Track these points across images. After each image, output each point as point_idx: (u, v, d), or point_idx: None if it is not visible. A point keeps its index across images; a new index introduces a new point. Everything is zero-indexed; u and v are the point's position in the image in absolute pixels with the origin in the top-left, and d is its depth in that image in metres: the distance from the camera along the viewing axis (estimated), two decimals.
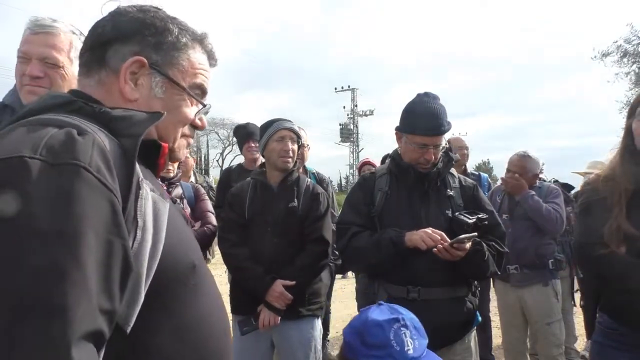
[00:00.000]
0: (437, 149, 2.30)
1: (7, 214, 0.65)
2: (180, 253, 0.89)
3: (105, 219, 0.72)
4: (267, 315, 2.56)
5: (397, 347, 1.29)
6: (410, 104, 2.36)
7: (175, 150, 1.04)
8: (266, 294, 2.55)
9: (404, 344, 1.30)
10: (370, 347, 1.31)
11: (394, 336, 1.30)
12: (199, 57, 1.03)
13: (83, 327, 0.65)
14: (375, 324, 1.33)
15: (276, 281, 2.56)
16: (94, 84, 0.96)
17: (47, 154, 0.71)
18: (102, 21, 0.98)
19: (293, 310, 2.59)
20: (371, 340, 1.31)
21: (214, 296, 0.98)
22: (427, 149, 2.27)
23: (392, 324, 1.33)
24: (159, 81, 0.97)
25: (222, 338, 0.96)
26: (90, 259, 0.68)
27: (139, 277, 0.78)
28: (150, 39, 0.96)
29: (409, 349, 1.29)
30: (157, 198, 0.85)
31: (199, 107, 1.05)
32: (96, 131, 0.81)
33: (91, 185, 0.71)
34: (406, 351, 1.29)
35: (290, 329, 2.62)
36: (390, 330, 1.31)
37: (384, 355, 1.28)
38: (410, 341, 1.31)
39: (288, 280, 2.56)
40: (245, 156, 4.19)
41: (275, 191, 2.72)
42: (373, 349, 1.30)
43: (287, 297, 2.55)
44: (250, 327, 2.58)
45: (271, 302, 2.55)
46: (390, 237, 2.20)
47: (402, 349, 1.29)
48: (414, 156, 2.30)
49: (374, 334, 1.31)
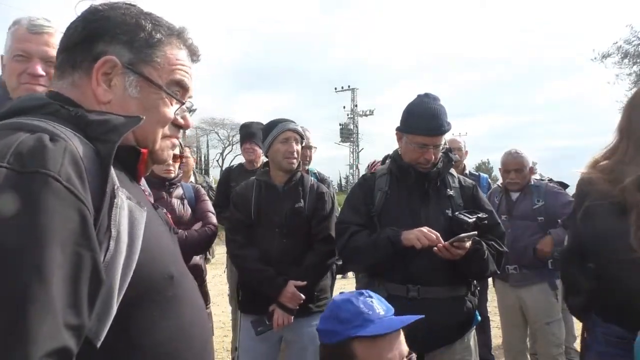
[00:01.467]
0: (437, 149, 2.32)
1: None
2: (158, 264, 0.86)
3: (73, 230, 0.69)
4: (280, 315, 2.59)
5: (369, 312, 1.42)
6: (410, 104, 2.38)
7: (157, 152, 0.99)
8: (279, 296, 2.57)
9: (374, 308, 1.44)
10: (346, 321, 1.41)
11: (364, 305, 1.43)
12: (176, 52, 0.98)
13: (47, 345, 0.63)
14: (344, 301, 1.46)
15: (288, 282, 2.59)
16: (68, 86, 0.92)
17: (15, 162, 0.69)
18: (74, 22, 0.95)
19: (303, 308, 2.62)
20: (345, 315, 1.42)
21: (194, 307, 0.94)
22: (427, 149, 2.29)
23: (359, 297, 1.47)
24: (133, 80, 0.92)
25: (202, 351, 0.93)
26: (56, 274, 0.65)
27: (111, 290, 0.75)
28: (121, 37, 0.92)
29: (379, 310, 1.44)
30: (134, 206, 0.82)
31: (179, 106, 1.00)
32: (70, 137, 0.78)
33: (60, 195, 0.69)
34: (377, 313, 1.42)
35: (301, 325, 2.64)
36: (359, 301, 1.44)
37: (361, 321, 1.40)
38: (379, 305, 1.45)
39: (299, 281, 2.59)
40: (243, 156, 4.24)
41: (281, 191, 2.73)
42: (349, 322, 1.40)
43: (300, 298, 2.58)
44: (264, 327, 2.61)
45: (284, 303, 2.58)
46: (387, 236, 2.21)
47: (373, 312, 1.42)
48: (414, 156, 2.32)
49: (346, 309, 1.43)
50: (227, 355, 4.62)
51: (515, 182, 3.63)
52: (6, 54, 1.70)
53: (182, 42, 1.00)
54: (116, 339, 0.77)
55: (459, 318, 2.27)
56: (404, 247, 2.16)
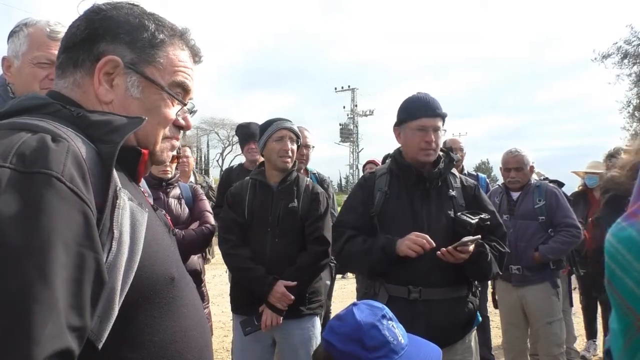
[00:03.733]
0: (436, 133, 2.29)
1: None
2: (159, 265, 0.85)
3: (77, 231, 0.69)
4: (269, 315, 2.57)
5: (394, 342, 1.35)
6: (405, 99, 2.42)
7: (157, 153, 0.99)
8: (268, 295, 2.55)
9: (396, 335, 1.37)
10: (372, 350, 1.33)
11: (388, 332, 1.36)
12: (179, 53, 0.97)
13: (50, 347, 0.62)
14: (371, 326, 1.36)
15: (278, 282, 2.56)
16: (69, 85, 0.91)
17: (18, 162, 0.68)
18: (76, 21, 0.94)
19: (294, 309, 2.60)
20: (371, 343, 1.34)
21: (194, 309, 0.94)
22: (427, 131, 2.27)
23: (383, 321, 1.38)
24: (135, 81, 0.92)
25: (202, 352, 0.93)
26: (60, 275, 0.65)
27: (113, 291, 0.75)
28: (124, 37, 0.91)
29: (401, 338, 1.38)
30: (136, 208, 0.81)
31: (181, 107, 0.99)
32: (72, 137, 0.77)
33: (63, 195, 0.68)
34: (400, 342, 1.36)
35: (292, 327, 2.63)
36: (384, 328, 1.36)
37: (387, 351, 1.33)
38: (399, 331, 1.39)
39: (289, 281, 2.57)
40: (246, 157, 4.19)
41: (275, 191, 2.72)
42: (375, 351, 1.33)
43: (289, 298, 2.55)
44: (253, 328, 2.59)
45: (273, 303, 2.56)
46: (381, 245, 2.20)
47: (397, 341, 1.36)
48: (415, 141, 2.29)
49: (372, 336, 1.34)
50: (227, 355, 4.62)
51: (515, 180, 3.62)
52: (20, 58, 1.67)
53: (185, 43, 1.00)
54: (117, 340, 0.77)
55: (461, 319, 2.26)
56: (398, 256, 2.15)
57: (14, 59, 1.69)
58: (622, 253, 0.56)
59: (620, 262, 0.56)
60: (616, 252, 0.57)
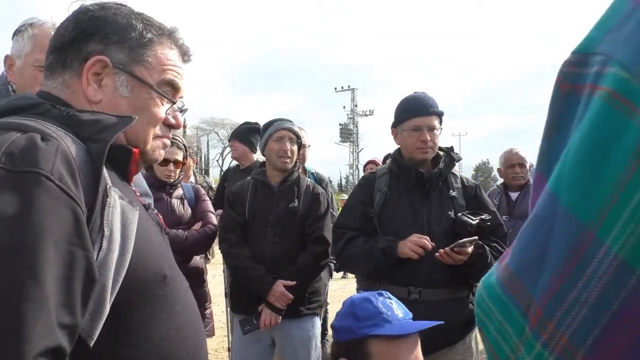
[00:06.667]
0: (432, 132, 2.29)
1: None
2: (150, 263, 0.86)
3: (66, 229, 0.69)
4: (268, 315, 2.57)
5: (388, 312, 1.39)
6: (401, 100, 2.43)
7: (149, 152, 0.99)
8: (268, 294, 2.55)
9: (393, 309, 1.41)
10: (363, 319, 1.39)
11: (382, 305, 1.41)
12: (167, 52, 0.98)
13: (41, 344, 0.63)
14: (363, 299, 1.44)
15: (277, 281, 2.57)
16: (58, 85, 0.92)
17: (7, 161, 0.69)
18: (64, 22, 0.94)
19: (294, 309, 2.61)
20: (363, 313, 1.40)
21: (187, 308, 0.94)
22: (422, 131, 2.27)
23: (378, 297, 1.44)
24: (123, 80, 0.92)
25: (196, 351, 0.93)
26: (50, 273, 0.65)
27: (104, 289, 0.75)
28: (112, 37, 0.91)
29: (398, 313, 1.41)
30: (126, 206, 0.82)
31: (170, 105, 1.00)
32: (62, 136, 0.78)
33: (52, 194, 0.69)
34: (396, 315, 1.40)
35: (291, 327, 2.63)
36: (378, 301, 1.42)
37: (378, 321, 1.38)
38: (397, 308, 1.43)
39: (289, 280, 2.57)
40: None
41: (276, 191, 2.72)
42: (366, 320, 1.39)
43: (288, 297, 2.56)
44: (251, 327, 2.59)
45: (272, 303, 2.56)
46: (382, 247, 2.20)
47: (392, 313, 1.39)
48: (410, 141, 2.30)
49: (364, 307, 1.41)
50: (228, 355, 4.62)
51: (520, 176, 3.61)
52: (22, 58, 1.66)
53: (173, 42, 1.00)
54: (109, 338, 0.77)
55: (461, 319, 2.25)
56: (399, 258, 2.16)
57: (16, 58, 1.68)
58: (485, 300, 0.56)
59: (484, 309, 0.56)
60: (481, 298, 0.57)
